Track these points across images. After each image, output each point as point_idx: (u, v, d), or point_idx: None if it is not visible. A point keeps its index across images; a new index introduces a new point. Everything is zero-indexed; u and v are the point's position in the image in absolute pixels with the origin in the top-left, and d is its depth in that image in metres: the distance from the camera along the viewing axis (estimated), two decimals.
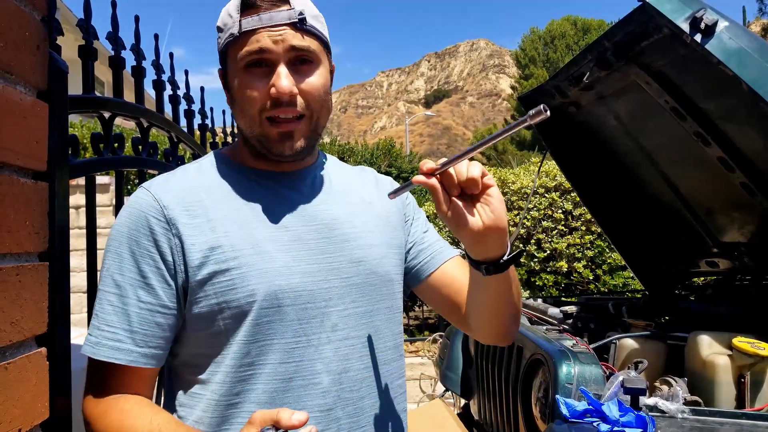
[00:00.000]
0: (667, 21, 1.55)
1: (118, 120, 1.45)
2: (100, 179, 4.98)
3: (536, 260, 5.84)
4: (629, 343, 2.00)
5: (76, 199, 4.46)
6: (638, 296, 3.12)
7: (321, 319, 0.93)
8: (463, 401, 3.08)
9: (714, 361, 1.70)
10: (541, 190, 5.90)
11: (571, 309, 2.60)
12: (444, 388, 3.16)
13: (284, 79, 0.90)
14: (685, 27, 1.53)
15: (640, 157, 2.44)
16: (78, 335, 1.07)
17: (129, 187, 5.31)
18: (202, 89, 2.23)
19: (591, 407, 1.44)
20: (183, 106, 1.98)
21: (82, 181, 1.33)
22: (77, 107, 1.24)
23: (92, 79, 1.30)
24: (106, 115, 1.37)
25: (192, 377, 0.94)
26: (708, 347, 1.75)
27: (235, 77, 0.94)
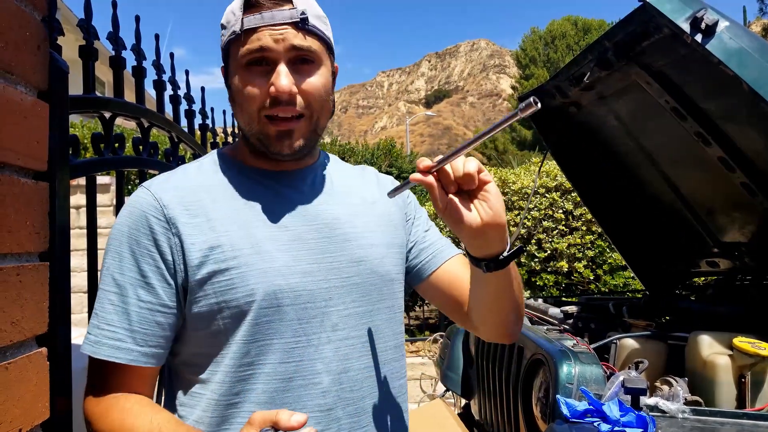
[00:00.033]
0: (668, 21, 1.55)
1: (119, 120, 1.45)
2: (101, 179, 4.98)
3: (537, 260, 5.84)
4: (630, 343, 2.00)
5: (77, 199, 4.46)
6: (639, 296, 3.12)
7: (321, 319, 0.93)
8: (464, 401, 3.08)
9: (714, 361, 1.70)
10: (542, 190, 5.90)
11: (572, 309, 2.60)
12: (444, 388, 3.15)
13: (284, 78, 0.90)
14: (686, 27, 1.53)
15: (641, 157, 2.44)
16: (78, 335, 1.07)
17: (129, 187, 5.31)
18: (203, 89, 2.23)
19: (592, 407, 1.44)
20: (184, 106, 1.98)
21: (83, 181, 1.33)
22: (78, 107, 1.24)
23: (93, 79, 1.30)
24: (107, 115, 1.37)
25: (192, 377, 0.94)
26: (708, 347, 1.75)
27: (236, 75, 0.94)
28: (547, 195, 5.88)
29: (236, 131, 2.75)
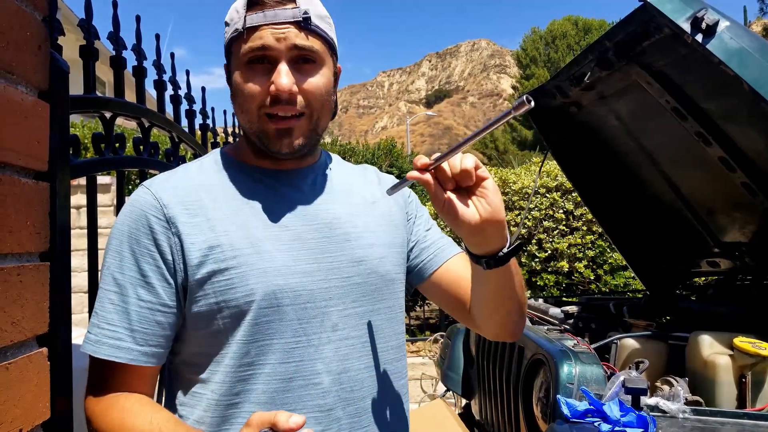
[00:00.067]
0: (668, 21, 1.55)
1: (120, 120, 1.45)
2: (102, 179, 4.98)
3: (537, 260, 5.84)
4: (630, 343, 2.00)
5: (78, 199, 4.46)
6: (639, 296, 3.12)
7: (321, 319, 0.93)
8: (464, 401, 3.08)
9: (715, 361, 1.70)
10: (542, 190, 5.89)
11: (572, 309, 2.60)
12: (445, 388, 3.15)
13: (284, 77, 0.90)
14: (686, 27, 1.53)
15: (641, 157, 2.44)
16: (79, 335, 1.07)
17: (130, 187, 5.31)
18: (204, 89, 2.23)
19: (592, 407, 1.44)
20: (184, 106, 1.99)
21: (84, 181, 1.33)
22: (78, 107, 1.24)
23: (93, 79, 1.30)
24: (108, 115, 1.37)
25: (192, 376, 0.94)
26: (709, 347, 1.75)
27: (237, 72, 0.94)
28: (548, 195, 5.88)
29: (237, 131, 2.75)
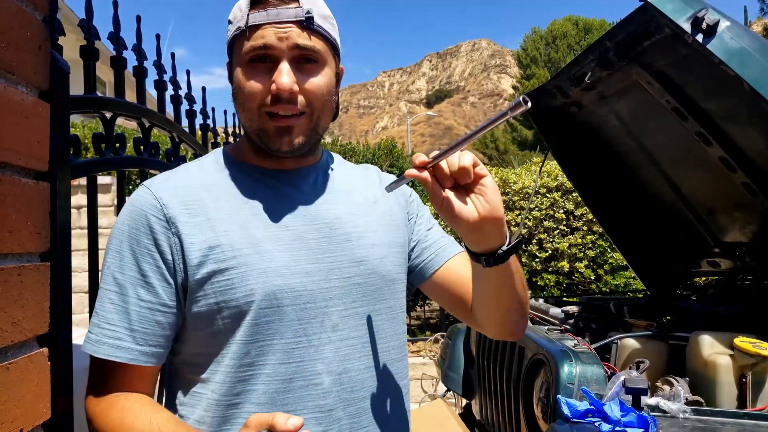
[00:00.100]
0: (669, 21, 1.55)
1: (120, 120, 1.45)
2: (102, 179, 4.98)
3: (538, 260, 5.84)
4: (631, 343, 2.00)
5: (78, 200, 4.46)
6: (640, 296, 3.12)
7: (321, 319, 0.93)
8: (465, 401, 3.08)
9: (715, 361, 1.70)
10: (543, 190, 5.90)
11: (573, 309, 2.60)
12: (445, 388, 3.15)
13: (285, 76, 0.90)
14: (687, 27, 1.53)
15: (642, 157, 2.44)
16: (79, 335, 1.07)
17: (130, 188, 5.31)
18: (204, 89, 2.24)
19: (592, 407, 1.44)
20: (185, 106, 1.99)
21: (84, 182, 1.33)
22: (79, 107, 1.24)
23: (94, 79, 1.30)
24: (108, 116, 1.37)
25: (193, 376, 0.94)
26: (709, 347, 1.75)
27: (239, 71, 0.94)
28: (548, 195, 5.88)
29: (237, 131, 2.75)
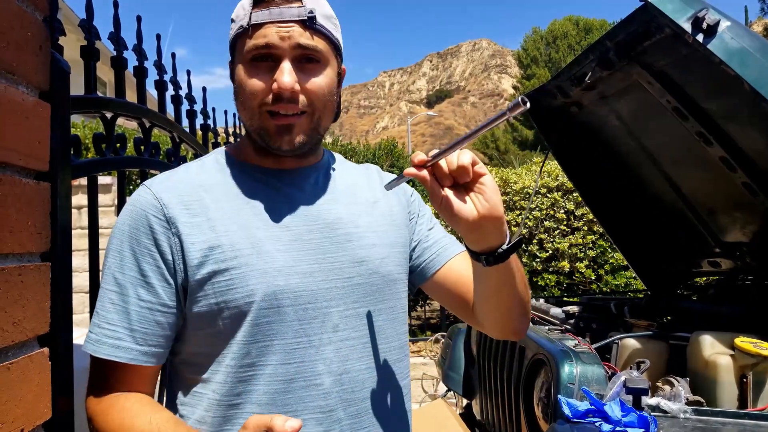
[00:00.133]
0: (669, 21, 1.55)
1: (120, 120, 1.45)
2: (103, 179, 4.98)
3: (538, 260, 5.84)
4: (631, 343, 2.00)
5: (79, 200, 4.45)
6: (640, 296, 3.12)
7: (322, 320, 0.93)
8: (465, 401, 3.08)
9: (716, 361, 1.70)
10: (543, 190, 5.89)
11: (573, 309, 2.60)
12: (446, 388, 3.15)
13: (287, 76, 0.90)
14: (687, 27, 1.53)
15: (642, 157, 2.44)
16: (80, 335, 1.07)
17: (131, 188, 5.31)
18: (204, 89, 2.24)
19: (593, 407, 1.44)
20: (185, 107, 1.99)
21: (85, 182, 1.33)
22: (79, 107, 1.24)
23: (94, 80, 1.31)
24: (108, 116, 1.37)
25: (193, 376, 0.94)
26: (710, 347, 1.75)
27: (240, 69, 0.94)
28: (549, 195, 5.88)
29: (237, 131, 2.75)
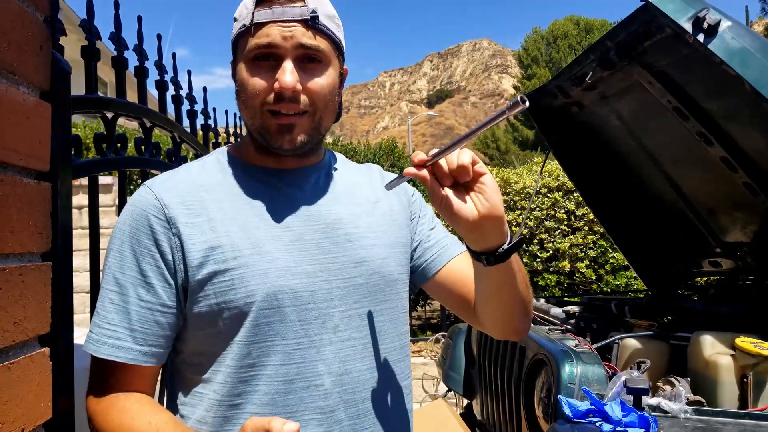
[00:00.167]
0: (670, 21, 1.55)
1: (121, 120, 1.45)
2: (103, 179, 4.98)
3: (539, 260, 5.83)
4: (632, 343, 2.00)
5: (79, 200, 4.46)
6: (641, 296, 3.12)
7: (322, 320, 0.93)
8: (466, 401, 3.08)
9: (717, 361, 1.70)
10: (544, 190, 5.89)
11: (574, 309, 2.60)
12: (446, 388, 3.15)
13: (288, 75, 0.90)
14: (688, 27, 1.53)
15: (643, 157, 2.44)
16: (81, 335, 1.07)
17: (132, 188, 5.31)
18: (205, 89, 2.24)
19: (594, 407, 1.44)
20: (186, 107, 1.99)
21: (85, 182, 1.33)
22: (80, 107, 1.24)
23: (95, 80, 1.31)
24: (109, 116, 1.37)
25: (194, 376, 0.94)
26: (711, 347, 1.75)
27: (242, 68, 0.94)
28: (549, 195, 5.88)
29: (238, 131, 2.75)
